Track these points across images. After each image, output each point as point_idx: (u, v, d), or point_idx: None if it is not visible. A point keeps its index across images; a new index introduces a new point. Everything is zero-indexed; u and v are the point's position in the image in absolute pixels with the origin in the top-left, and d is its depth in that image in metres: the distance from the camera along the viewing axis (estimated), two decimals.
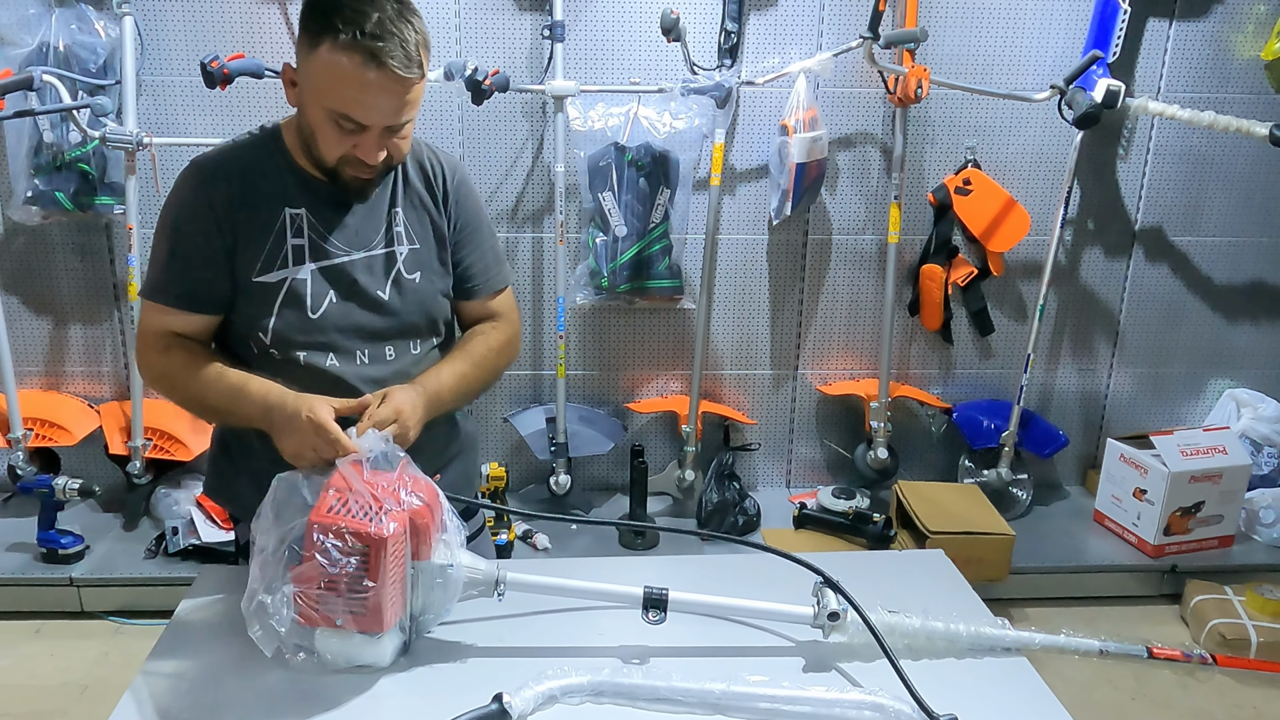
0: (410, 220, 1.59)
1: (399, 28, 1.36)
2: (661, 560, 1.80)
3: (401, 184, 1.59)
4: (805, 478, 3.69)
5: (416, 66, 1.39)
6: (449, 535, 1.35)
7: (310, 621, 1.26)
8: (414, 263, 1.59)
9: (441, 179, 1.62)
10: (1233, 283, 3.56)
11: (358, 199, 1.54)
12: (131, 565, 3.06)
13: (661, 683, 1.26)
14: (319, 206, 1.53)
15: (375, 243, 1.56)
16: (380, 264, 1.56)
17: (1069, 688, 2.71)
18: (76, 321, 3.34)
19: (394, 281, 1.57)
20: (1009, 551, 3.07)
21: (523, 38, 3.16)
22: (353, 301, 1.55)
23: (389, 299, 1.56)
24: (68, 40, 2.96)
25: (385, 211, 1.58)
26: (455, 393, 1.57)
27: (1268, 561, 3.27)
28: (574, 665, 1.28)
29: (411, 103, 1.42)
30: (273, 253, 1.51)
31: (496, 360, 1.66)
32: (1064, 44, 3.26)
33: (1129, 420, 3.69)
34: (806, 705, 1.25)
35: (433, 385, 1.52)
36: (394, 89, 1.38)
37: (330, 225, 1.54)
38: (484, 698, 1.21)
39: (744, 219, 3.38)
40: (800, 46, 3.22)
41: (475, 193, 1.68)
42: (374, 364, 1.57)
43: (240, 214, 1.50)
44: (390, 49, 1.35)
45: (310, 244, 1.52)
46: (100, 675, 2.79)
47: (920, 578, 1.63)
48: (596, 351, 3.48)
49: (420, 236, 1.60)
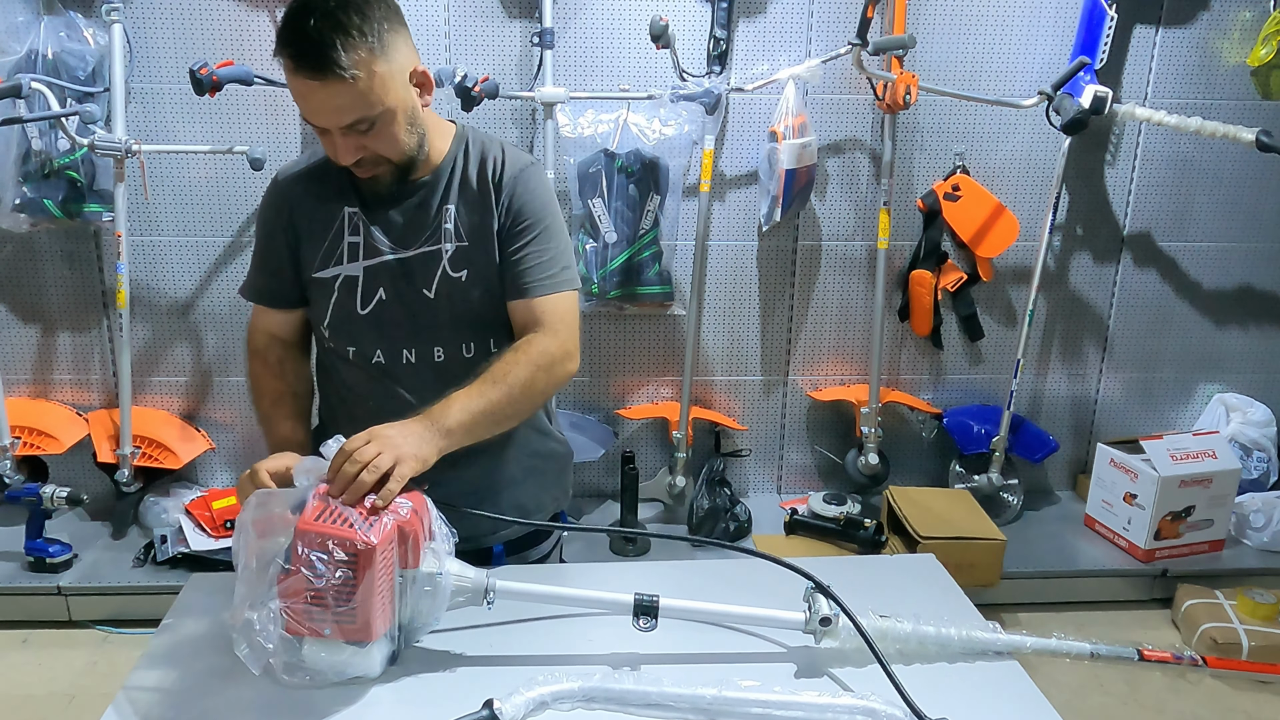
0: (462, 217, 1.57)
1: (328, 31, 1.34)
2: (652, 566, 1.81)
3: (458, 180, 1.58)
4: (796, 483, 3.69)
5: (350, 68, 1.35)
6: (437, 543, 1.34)
7: (297, 632, 1.25)
8: (461, 260, 1.56)
9: (498, 174, 1.57)
10: (1221, 288, 3.58)
11: (377, 199, 1.55)
12: (120, 574, 3.04)
13: (653, 688, 1.25)
14: (371, 204, 1.57)
15: (422, 240, 1.56)
16: (426, 262, 1.56)
17: (1061, 693, 2.71)
18: (65, 329, 3.32)
19: (440, 279, 1.56)
20: (1000, 556, 3.08)
21: (512, 45, 3.17)
22: (400, 299, 1.56)
23: (434, 297, 1.56)
24: (56, 48, 2.95)
25: (435, 209, 1.57)
26: (475, 419, 1.43)
27: (1258, 565, 3.27)
28: (564, 672, 1.28)
29: (354, 104, 1.39)
30: (330, 249, 1.58)
31: (532, 376, 1.49)
32: (1051, 50, 3.27)
33: (1119, 425, 3.70)
34: (798, 710, 1.25)
35: (439, 416, 1.41)
36: (322, 93, 1.36)
37: (381, 223, 1.57)
38: (474, 705, 1.21)
39: (734, 225, 3.38)
40: (789, 53, 3.23)
41: (541, 192, 1.59)
42: (420, 363, 1.58)
43: (304, 214, 1.59)
44: (312, 55, 1.34)
45: (365, 242, 1.57)
46: (87, 685, 2.77)
47: (911, 582, 1.63)
48: (587, 358, 3.46)
49: (471, 234, 1.57)
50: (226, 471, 3.50)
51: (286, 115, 3.16)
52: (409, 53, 1.46)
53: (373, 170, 1.49)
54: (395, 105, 1.43)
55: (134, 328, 3.20)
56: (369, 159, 1.47)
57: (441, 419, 1.40)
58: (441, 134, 1.60)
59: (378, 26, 1.38)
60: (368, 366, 1.60)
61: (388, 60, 1.40)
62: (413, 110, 1.48)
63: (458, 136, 1.62)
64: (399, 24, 1.44)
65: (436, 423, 1.39)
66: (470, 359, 1.58)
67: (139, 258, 3.23)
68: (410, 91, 1.47)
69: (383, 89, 1.40)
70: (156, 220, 3.24)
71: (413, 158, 1.52)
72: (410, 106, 1.47)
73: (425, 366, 1.58)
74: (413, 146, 1.50)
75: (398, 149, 1.48)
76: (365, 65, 1.37)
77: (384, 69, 1.39)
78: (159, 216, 3.23)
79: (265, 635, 1.23)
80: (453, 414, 1.41)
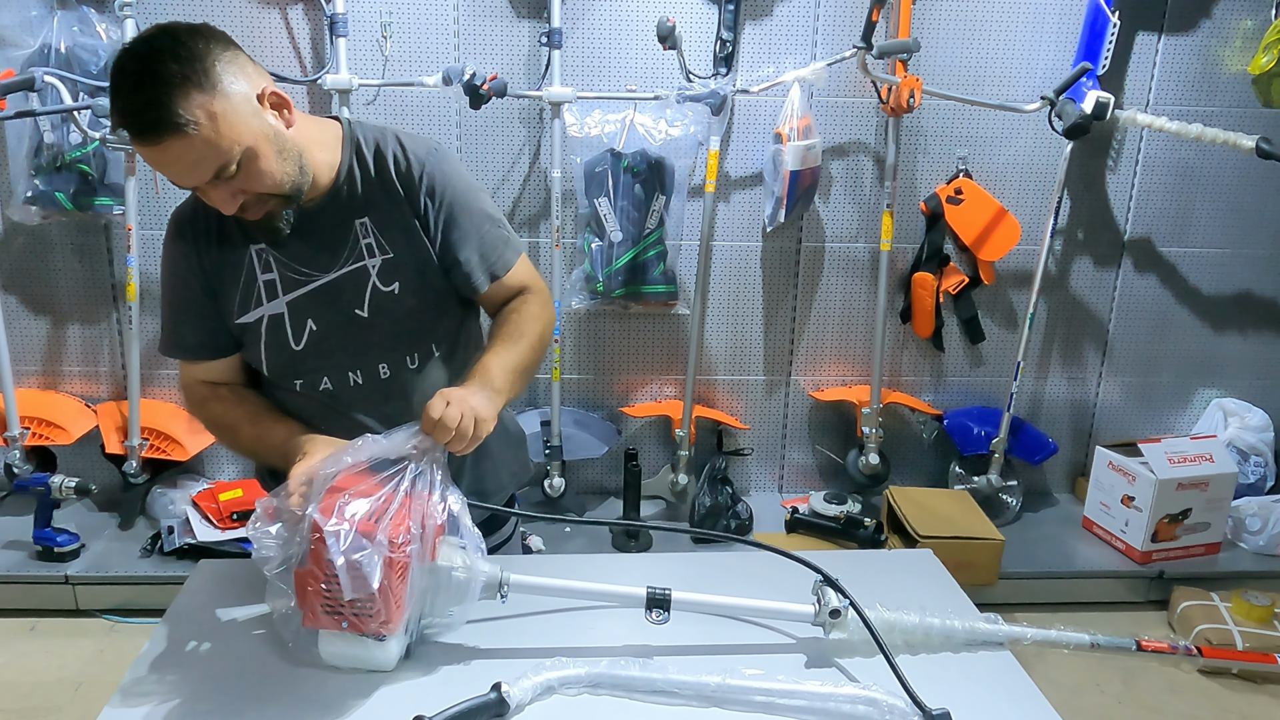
0: (382, 228, 1.49)
1: (150, 89, 1.24)
2: (658, 559, 1.83)
3: (361, 189, 1.49)
4: (797, 483, 3.71)
5: (185, 119, 1.24)
6: (455, 537, 1.35)
7: (315, 625, 1.26)
8: (390, 273, 1.50)
9: (412, 174, 1.49)
10: (1220, 293, 3.60)
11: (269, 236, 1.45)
12: (127, 564, 3.07)
13: (658, 675, 1.28)
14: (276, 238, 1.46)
15: (342, 261, 1.49)
16: (353, 281, 1.49)
17: (1057, 691, 2.74)
18: (75, 321, 3.35)
19: (371, 296, 1.50)
20: (998, 556, 3.11)
21: (520, 44, 3.19)
22: (332, 326, 1.51)
23: (369, 315, 1.50)
24: (69, 42, 2.98)
25: (349, 226, 1.49)
26: (513, 375, 1.46)
27: (1253, 568, 3.30)
28: (573, 660, 1.30)
29: (206, 154, 1.28)
30: (246, 292, 1.51)
31: (543, 329, 1.55)
32: (1054, 56, 3.30)
33: (1117, 428, 3.73)
34: (802, 699, 1.27)
35: (485, 378, 1.42)
36: (171, 153, 1.27)
37: (292, 254, 1.49)
38: (477, 693, 1.23)
39: (738, 226, 3.41)
40: (795, 56, 3.25)
41: (456, 176, 1.52)
42: (368, 384, 1.54)
43: (212, 259, 1.51)
44: (143, 119, 1.25)
45: (280, 277, 1.49)
46: (94, 673, 2.80)
47: (910, 576, 1.66)
48: (591, 356, 3.51)
49: (396, 244, 1.50)
50: (233, 464, 3.52)
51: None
52: (251, 78, 1.34)
53: (261, 210, 1.39)
54: (252, 141, 1.31)
55: (143, 321, 3.22)
56: (251, 201, 1.37)
57: (490, 380, 1.41)
58: (325, 145, 1.48)
59: (201, 65, 1.27)
60: (316, 395, 1.55)
61: (224, 97, 1.28)
62: (277, 137, 1.36)
63: (346, 141, 1.51)
64: (227, 52, 1.32)
65: (488, 383, 1.41)
66: (416, 369, 1.55)
67: (149, 251, 3.25)
68: (265, 118, 1.34)
69: (230, 129, 1.29)
70: (166, 214, 3.22)
71: (298, 184, 1.40)
72: (272, 134, 1.35)
73: (373, 387, 1.54)
74: (292, 174, 1.39)
75: (276, 182, 1.36)
76: (202, 110, 1.26)
77: (223, 107, 1.27)
78: (169, 210, 3.23)
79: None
80: (495, 374, 1.43)
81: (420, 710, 1.18)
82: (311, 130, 1.46)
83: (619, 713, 1.26)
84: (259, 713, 1.23)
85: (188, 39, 1.28)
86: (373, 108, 3.20)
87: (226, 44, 1.33)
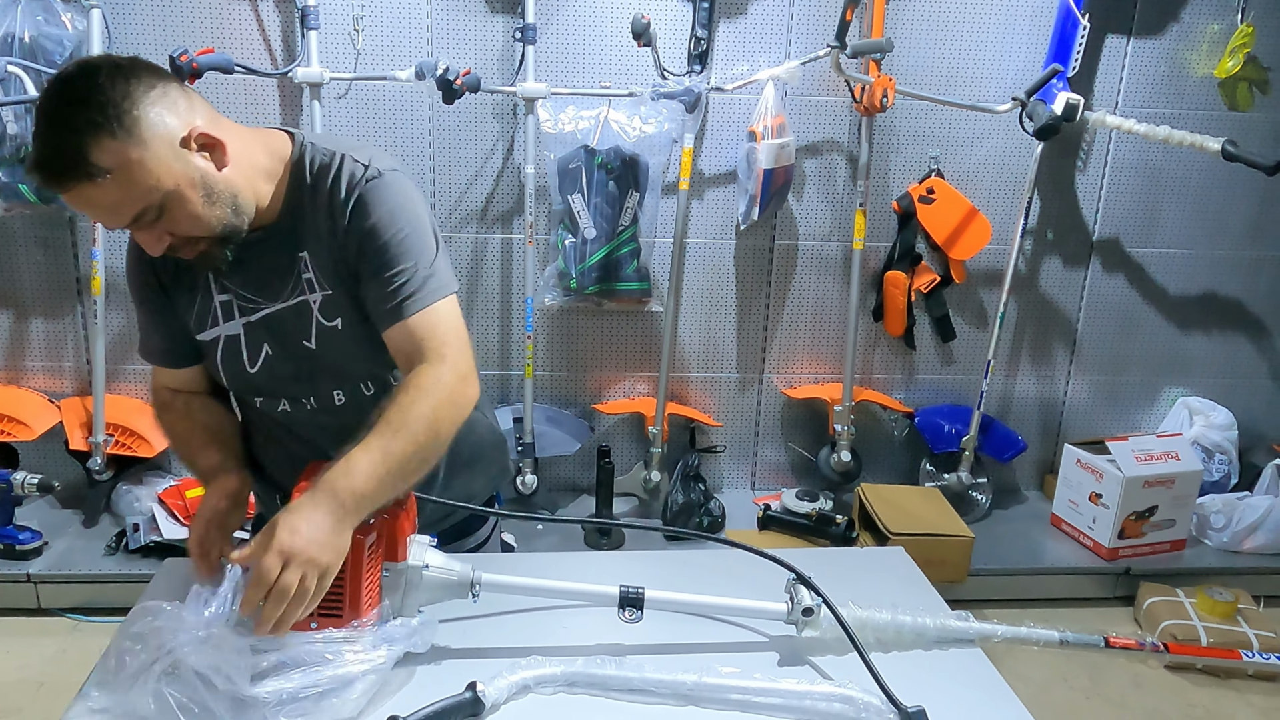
0: (319, 264, 1.43)
1: (62, 138, 1.20)
2: (631, 557, 1.81)
3: (305, 223, 1.42)
4: (769, 480, 3.72)
5: (97, 169, 1.20)
6: (423, 536, 1.34)
7: None
8: (331, 308, 1.44)
9: (345, 204, 1.40)
10: (1186, 293, 3.65)
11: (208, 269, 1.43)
12: (91, 562, 3.02)
13: (634, 673, 1.27)
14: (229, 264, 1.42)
15: (288, 293, 1.45)
16: (299, 314, 1.45)
17: (1026, 687, 2.77)
18: (38, 316, 3.29)
19: (317, 330, 1.45)
20: (968, 553, 3.13)
21: (494, 39, 3.18)
22: (285, 353, 1.48)
23: (316, 348, 1.46)
24: (33, 31, 2.92)
25: (294, 258, 1.43)
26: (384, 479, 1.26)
27: (1218, 565, 3.35)
28: (548, 659, 1.29)
29: (123, 199, 1.24)
30: (202, 311, 1.49)
31: (434, 413, 1.32)
32: (1025, 58, 3.33)
33: (1085, 426, 3.77)
34: (778, 697, 1.27)
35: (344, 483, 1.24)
36: (87, 198, 1.23)
37: (243, 281, 1.45)
38: (457, 690, 1.22)
39: (712, 223, 3.41)
40: (769, 54, 3.26)
41: (387, 202, 1.40)
42: (324, 409, 1.51)
43: (168, 274, 1.49)
44: (53, 169, 1.21)
45: (236, 300, 1.47)
46: (57, 673, 2.75)
47: (882, 574, 1.66)
48: (564, 353, 3.50)
49: (332, 280, 1.43)
50: None
51: (267, 104, 3.15)
52: (182, 116, 1.27)
53: (193, 250, 1.35)
54: (174, 185, 1.26)
55: (108, 315, 3.18)
56: (179, 243, 1.33)
57: (347, 491, 1.23)
58: (270, 174, 1.41)
59: (116, 110, 1.20)
60: (275, 414, 1.53)
61: (142, 144, 1.22)
62: (204, 180, 1.30)
63: (295, 167, 1.43)
64: (154, 91, 1.25)
65: (343, 499, 1.23)
66: (372, 395, 1.49)
67: (114, 245, 3.20)
68: (191, 161, 1.28)
69: (148, 175, 1.23)
70: None
71: (232, 226, 1.35)
72: (198, 178, 1.29)
73: (327, 412, 1.51)
74: (223, 216, 1.33)
75: (205, 226, 1.31)
76: (115, 156, 1.21)
77: (139, 154, 1.22)
78: None
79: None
80: (358, 482, 1.24)
81: (393, 710, 1.17)
82: (257, 158, 1.40)
83: (595, 712, 1.25)
84: (225, 713, 1.21)
85: (108, 80, 1.22)
86: (344, 102, 3.17)
87: (154, 82, 1.26)
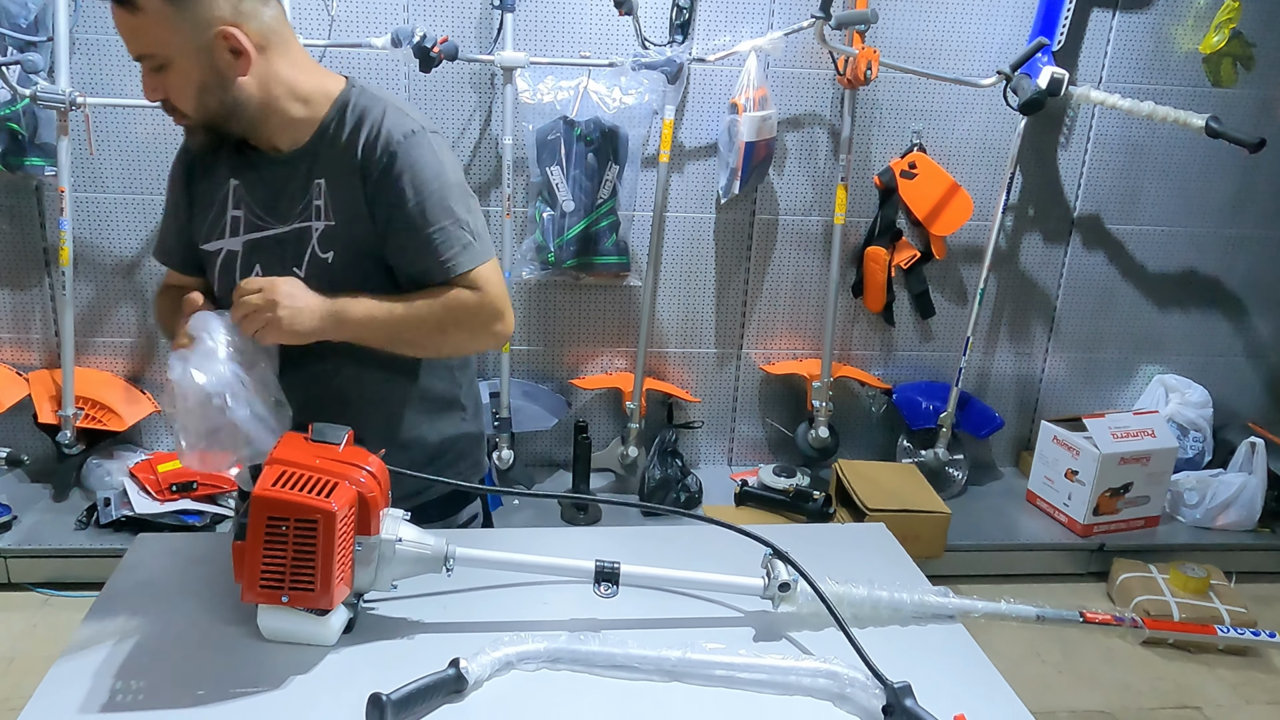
0: (333, 193, 1.47)
1: None
2: (607, 533, 1.81)
3: (326, 151, 1.48)
4: (747, 456, 3.72)
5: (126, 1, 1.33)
6: (396, 510, 1.33)
7: (254, 599, 1.23)
8: (329, 240, 1.48)
9: (374, 150, 1.45)
10: (1165, 271, 3.66)
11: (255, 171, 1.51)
12: (61, 537, 2.99)
13: (618, 649, 1.26)
14: (250, 177, 1.51)
15: (295, 215, 1.49)
16: (299, 238, 1.49)
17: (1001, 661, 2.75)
18: (4, 286, 3.23)
19: (309, 259, 1.48)
20: (945, 529, 3.14)
21: (472, 7, 3.12)
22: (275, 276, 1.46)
23: (304, 277, 1.47)
24: None
25: (310, 182, 1.48)
26: (374, 324, 1.44)
27: (1190, 541, 3.38)
28: (529, 635, 1.28)
29: (136, 35, 1.36)
30: (214, 222, 1.54)
31: (441, 318, 1.47)
32: (1010, 31, 3.30)
33: (1062, 403, 3.78)
34: (762, 673, 1.26)
35: (346, 302, 1.43)
36: (118, 16, 1.35)
37: (257, 197, 1.51)
38: (436, 667, 1.20)
39: (692, 197, 3.38)
40: (752, 25, 3.22)
41: (423, 165, 1.46)
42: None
43: (198, 183, 1.57)
44: None
45: (245, 217, 1.52)
46: (27, 648, 2.72)
47: (861, 550, 1.65)
48: (541, 327, 3.47)
49: (339, 212, 1.47)
50: (173, 435, 3.43)
51: None
52: (221, 12, 1.36)
53: (180, 120, 1.45)
54: (176, 56, 1.37)
55: (77, 286, 3.12)
56: (169, 106, 1.43)
57: (343, 308, 1.43)
58: (309, 100, 1.48)
59: None
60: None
61: (180, 9, 1.34)
62: (215, 73, 1.39)
63: (339, 100, 1.49)
64: None
65: (337, 308, 1.43)
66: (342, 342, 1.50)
67: (83, 214, 3.15)
68: (212, 55, 1.37)
69: (163, 34, 1.35)
70: (101, 176, 3.15)
71: (216, 121, 1.44)
72: (208, 66, 1.38)
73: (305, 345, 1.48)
74: (211, 107, 1.41)
75: (189, 105, 1.41)
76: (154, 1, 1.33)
77: (170, 15, 1.33)
78: (104, 172, 3.15)
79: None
80: (356, 309, 1.43)
81: (371, 686, 1.15)
82: (298, 83, 1.47)
83: (579, 688, 1.24)
84: (200, 689, 1.19)
85: None
86: None
87: None
